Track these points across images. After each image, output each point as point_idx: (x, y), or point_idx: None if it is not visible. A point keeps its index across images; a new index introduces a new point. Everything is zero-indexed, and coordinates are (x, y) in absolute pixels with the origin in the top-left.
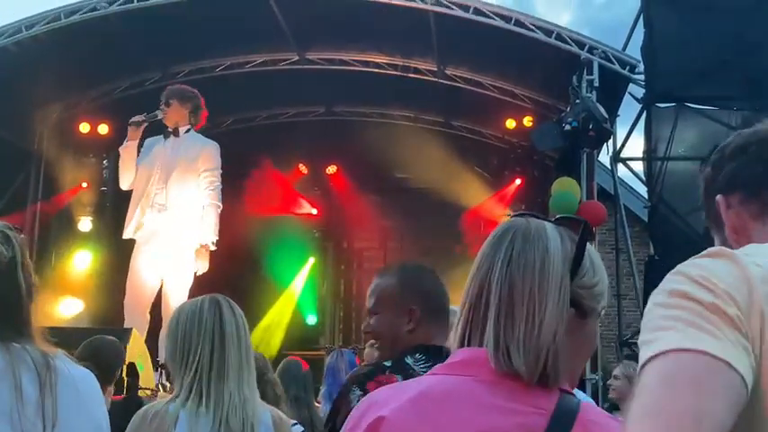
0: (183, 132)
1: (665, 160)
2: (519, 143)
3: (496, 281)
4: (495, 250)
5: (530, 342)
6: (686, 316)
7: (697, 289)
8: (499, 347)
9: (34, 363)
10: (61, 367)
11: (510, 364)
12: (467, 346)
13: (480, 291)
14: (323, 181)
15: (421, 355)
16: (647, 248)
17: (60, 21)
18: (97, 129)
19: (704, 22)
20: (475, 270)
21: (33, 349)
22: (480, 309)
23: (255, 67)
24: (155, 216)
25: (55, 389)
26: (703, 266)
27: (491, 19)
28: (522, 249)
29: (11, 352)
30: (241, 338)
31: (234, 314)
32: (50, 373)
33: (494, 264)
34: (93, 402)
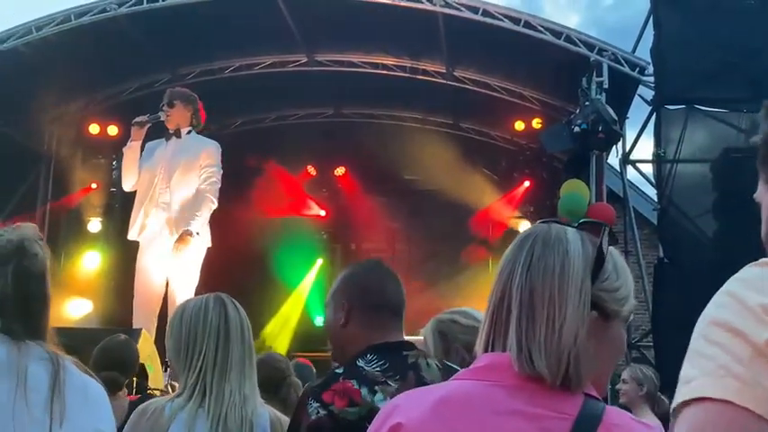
0: (185, 134)
1: (675, 162)
2: (528, 145)
3: (517, 286)
4: (516, 256)
5: (551, 345)
6: (724, 359)
7: (744, 318)
8: (522, 351)
9: (48, 359)
10: (71, 369)
11: (532, 368)
12: (491, 351)
13: (502, 296)
14: (331, 182)
15: (372, 356)
16: (657, 251)
17: (70, 22)
18: (107, 130)
19: (713, 25)
20: (497, 276)
21: (43, 349)
22: (502, 314)
23: (264, 69)
24: (159, 216)
25: (64, 387)
26: (754, 284)
27: (500, 20)
28: (542, 254)
29: (20, 349)
30: (245, 337)
31: (238, 312)
32: (61, 372)
33: (514, 269)
34: (101, 407)
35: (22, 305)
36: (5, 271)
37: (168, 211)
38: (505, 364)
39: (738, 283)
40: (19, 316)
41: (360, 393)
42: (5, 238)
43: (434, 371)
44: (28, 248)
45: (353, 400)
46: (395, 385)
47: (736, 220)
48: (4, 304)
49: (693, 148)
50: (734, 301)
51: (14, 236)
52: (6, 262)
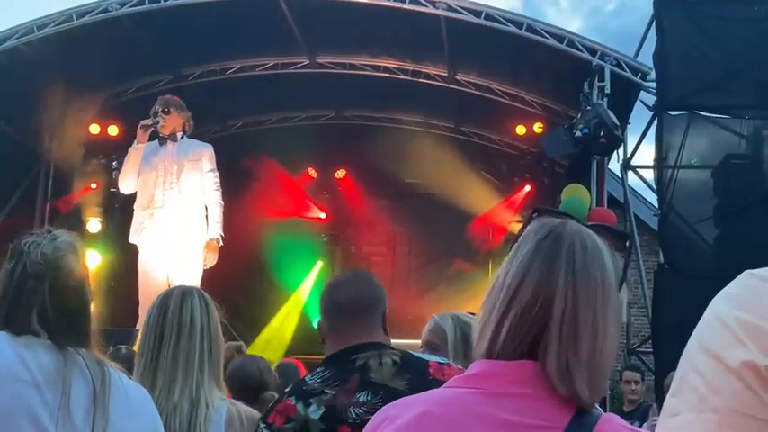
0: (180, 138)
1: (676, 168)
2: (529, 149)
3: (561, 295)
4: (552, 256)
5: (594, 367)
6: (703, 390)
7: (721, 341)
8: (563, 369)
9: (89, 370)
10: (115, 377)
11: (572, 388)
12: (496, 357)
13: (536, 299)
14: (332, 185)
15: (322, 368)
16: (657, 257)
17: (72, 22)
18: (107, 130)
19: (716, 31)
20: (520, 273)
21: (89, 356)
22: (536, 320)
23: (266, 71)
24: (162, 217)
25: (108, 398)
26: (738, 299)
27: (502, 24)
28: (584, 263)
29: (66, 358)
30: (203, 331)
31: (201, 307)
32: (104, 382)
33: (552, 273)
34: (144, 414)
35: (62, 319)
36: (42, 287)
37: (172, 211)
38: (501, 373)
39: (723, 299)
40: (61, 328)
41: (295, 408)
42: (40, 250)
43: (387, 369)
44: (63, 265)
45: (289, 416)
46: (332, 392)
47: (737, 226)
48: (45, 318)
49: (694, 154)
50: (716, 321)
51: (49, 250)
52: (42, 277)
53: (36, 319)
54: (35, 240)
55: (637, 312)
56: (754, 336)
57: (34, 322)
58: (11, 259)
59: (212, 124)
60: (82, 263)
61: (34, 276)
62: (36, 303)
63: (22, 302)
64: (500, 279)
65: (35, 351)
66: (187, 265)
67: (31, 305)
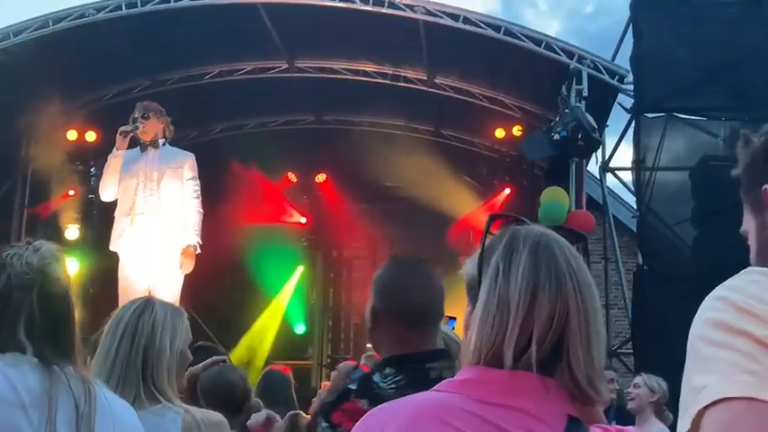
0: (161, 145)
1: (654, 170)
2: (508, 152)
3: (574, 305)
4: (554, 265)
5: (601, 373)
6: (733, 357)
7: (741, 318)
8: (588, 377)
9: (73, 390)
10: (100, 396)
11: (598, 392)
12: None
13: (553, 312)
14: (312, 189)
15: (391, 369)
16: (636, 258)
17: (48, 27)
18: (85, 136)
19: (693, 34)
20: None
21: (73, 375)
22: (555, 332)
23: (245, 75)
24: (143, 224)
25: (93, 416)
26: (743, 289)
27: (481, 28)
28: (579, 268)
29: (51, 376)
30: (154, 341)
31: (156, 316)
32: (89, 400)
33: (562, 284)
34: (129, 430)
35: (49, 328)
36: (30, 297)
37: (153, 218)
38: (494, 380)
39: (728, 289)
40: (48, 338)
41: None
42: (25, 260)
43: None
44: (50, 273)
45: None
46: None
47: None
48: (32, 328)
49: (672, 156)
50: (727, 305)
51: (35, 260)
52: (29, 287)
53: (23, 330)
54: (17, 252)
55: (617, 313)
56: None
57: (21, 334)
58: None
59: (191, 129)
60: (66, 271)
61: (20, 287)
62: (23, 314)
63: (8, 314)
64: (500, 291)
65: (21, 370)
66: (167, 273)
67: (18, 316)
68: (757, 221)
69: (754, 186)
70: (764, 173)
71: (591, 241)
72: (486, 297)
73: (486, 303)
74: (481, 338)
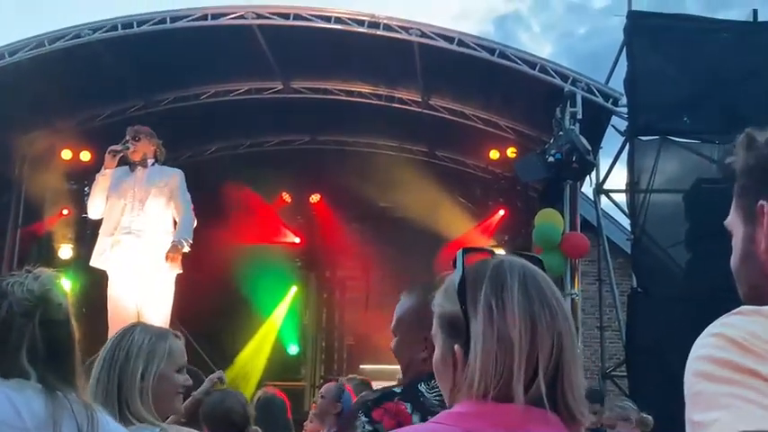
0: (150, 165)
1: (648, 192)
2: (502, 174)
3: (566, 335)
4: (543, 298)
5: (581, 394)
6: (742, 393)
7: (743, 356)
8: (579, 402)
9: (76, 415)
10: (103, 422)
11: (584, 416)
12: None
13: (552, 344)
14: (306, 210)
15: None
16: (630, 280)
17: (44, 47)
18: (79, 155)
19: (686, 57)
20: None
21: (76, 401)
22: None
23: (240, 96)
24: (130, 243)
25: None
26: (740, 327)
27: (475, 50)
28: (561, 298)
29: (55, 401)
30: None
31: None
32: (92, 427)
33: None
34: None
35: (51, 354)
36: (31, 323)
37: (140, 238)
38: (497, 414)
39: (724, 327)
40: (50, 364)
41: (411, 418)
42: (26, 287)
43: None
44: (51, 299)
45: (401, 422)
46: None
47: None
48: (35, 355)
49: (666, 178)
50: (727, 342)
51: (36, 286)
52: (31, 314)
53: (26, 356)
54: (17, 280)
55: (611, 335)
56: None
57: (24, 361)
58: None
59: (185, 150)
60: (67, 297)
61: (21, 314)
62: (25, 341)
63: (10, 341)
64: (499, 327)
65: (25, 395)
66: (156, 292)
67: (20, 343)
68: (745, 230)
69: (750, 193)
70: (763, 185)
71: (585, 263)
72: (484, 335)
73: (484, 341)
74: (485, 376)
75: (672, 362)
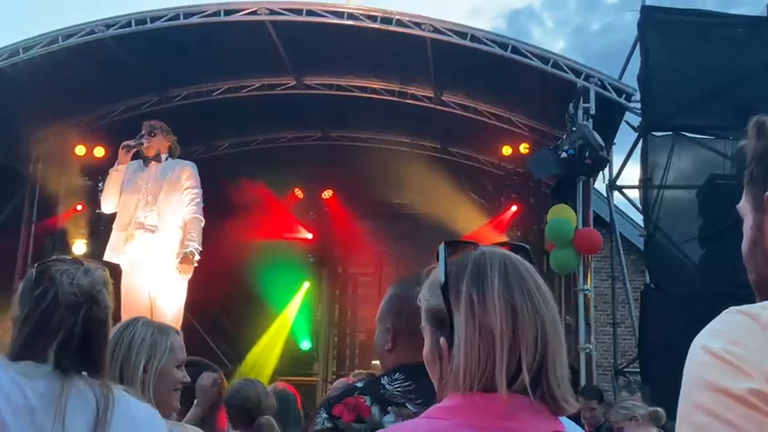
0: (164, 160)
1: (662, 188)
2: (515, 170)
3: (550, 324)
4: (524, 287)
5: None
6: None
7: (723, 375)
8: (563, 390)
9: (95, 396)
10: (121, 403)
11: (569, 404)
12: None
13: (536, 334)
14: (319, 205)
15: (400, 374)
16: (643, 276)
17: (58, 43)
18: (93, 151)
19: (700, 53)
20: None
21: (94, 383)
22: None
23: (253, 92)
24: (144, 238)
25: (108, 422)
26: (724, 334)
27: (488, 46)
28: (544, 286)
29: (64, 383)
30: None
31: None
32: (107, 409)
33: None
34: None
35: (84, 348)
36: (76, 317)
37: (154, 232)
38: (489, 405)
39: (712, 335)
40: (77, 355)
41: (370, 411)
42: (75, 281)
43: None
44: (98, 298)
45: (361, 417)
46: (413, 409)
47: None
48: (66, 347)
49: (680, 174)
50: (710, 357)
51: (85, 282)
52: (76, 310)
53: (56, 346)
54: (68, 269)
55: (623, 332)
56: (754, 367)
57: (52, 350)
58: (37, 284)
59: (198, 145)
60: (111, 298)
61: (67, 306)
62: (62, 333)
63: (47, 330)
64: (480, 319)
65: (32, 377)
66: (169, 287)
67: (56, 334)
68: (754, 217)
69: (758, 181)
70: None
71: (598, 259)
72: (466, 327)
73: (467, 333)
74: (469, 367)
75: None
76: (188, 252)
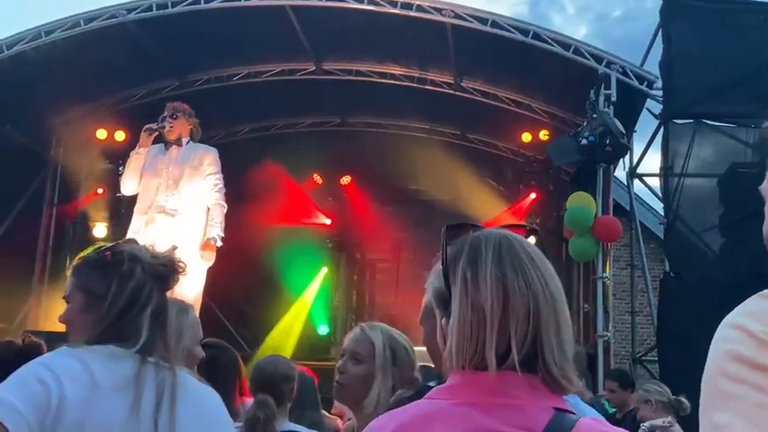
0: (185, 143)
1: (682, 176)
2: (534, 157)
3: (544, 301)
4: (518, 265)
5: (572, 362)
6: (753, 396)
7: (759, 351)
8: (561, 367)
9: (159, 377)
10: (185, 383)
11: (570, 382)
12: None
13: (527, 311)
14: (337, 191)
15: None
16: (663, 265)
17: (79, 27)
18: (114, 135)
19: (722, 40)
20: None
21: (162, 364)
22: (531, 330)
23: (272, 77)
24: (165, 221)
25: (174, 405)
26: (761, 316)
27: (509, 32)
28: (543, 262)
29: (143, 365)
30: None
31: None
32: (171, 389)
33: (530, 281)
34: (217, 420)
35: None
36: (163, 287)
37: (174, 217)
38: (481, 383)
39: (744, 316)
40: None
41: None
42: (150, 253)
43: None
44: (177, 268)
45: None
46: None
47: (742, 235)
48: (156, 317)
49: (701, 162)
50: (746, 336)
51: (159, 255)
52: (165, 278)
53: (149, 318)
54: (140, 248)
55: (642, 320)
56: None
57: (145, 323)
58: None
59: (218, 130)
60: None
61: (156, 276)
62: (151, 303)
63: (140, 301)
64: (472, 297)
65: (104, 359)
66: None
67: (146, 305)
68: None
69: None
70: None
71: (617, 247)
72: (460, 305)
73: (460, 311)
74: (462, 345)
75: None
76: (211, 239)
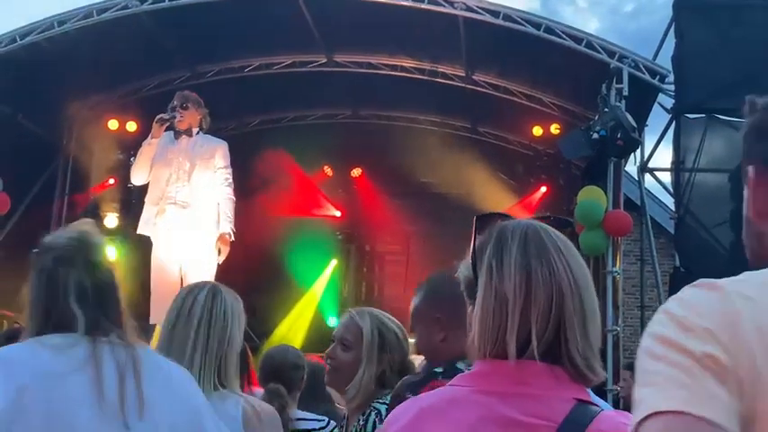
0: (195, 134)
1: (694, 172)
2: (545, 150)
3: (568, 290)
4: (543, 254)
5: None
6: (668, 371)
7: (680, 333)
8: (585, 357)
9: (116, 354)
10: (149, 360)
11: (594, 372)
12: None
13: (550, 299)
14: (347, 183)
15: None
16: (673, 260)
17: (92, 18)
18: (125, 126)
19: (735, 35)
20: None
21: (121, 340)
22: (554, 318)
23: (283, 69)
24: (176, 212)
25: (140, 381)
26: (687, 302)
27: (521, 25)
28: (569, 250)
29: (96, 344)
30: (201, 321)
31: (206, 299)
32: (134, 365)
33: (554, 270)
34: (187, 389)
35: (99, 294)
36: (78, 265)
37: (186, 207)
38: (501, 371)
39: (673, 302)
40: (98, 306)
41: None
42: (66, 236)
43: None
44: (93, 243)
45: None
46: None
47: None
48: (84, 298)
49: (712, 157)
50: (669, 319)
51: (75, 234)
52: (75, 259)
53: (75, 301)
54: (55, 234)
55: (652, 315)
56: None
57: (74, 306)
58: (38, 259)
59: (229, 121)
60: (103, 240)
61: (66, 260)
62: (72, 286)
63: (59, 289)
64: (496, 286)
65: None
66: (199, 262)
67: (69, 290)
68: (746, 192)
69: (745, 157)
70: (752, 151)
71: (627, 242)
72: (484, 293)
73: (484, 299)
74: (484, 333)
75: None
76: (225, 233)
